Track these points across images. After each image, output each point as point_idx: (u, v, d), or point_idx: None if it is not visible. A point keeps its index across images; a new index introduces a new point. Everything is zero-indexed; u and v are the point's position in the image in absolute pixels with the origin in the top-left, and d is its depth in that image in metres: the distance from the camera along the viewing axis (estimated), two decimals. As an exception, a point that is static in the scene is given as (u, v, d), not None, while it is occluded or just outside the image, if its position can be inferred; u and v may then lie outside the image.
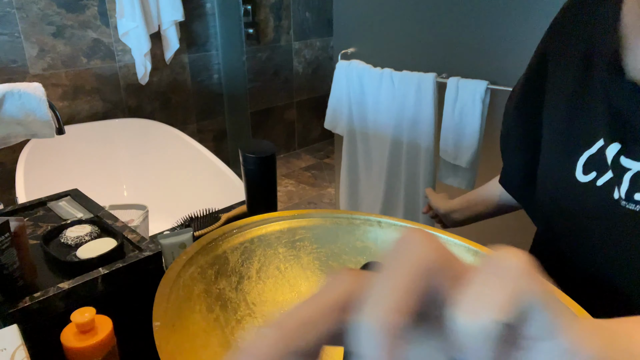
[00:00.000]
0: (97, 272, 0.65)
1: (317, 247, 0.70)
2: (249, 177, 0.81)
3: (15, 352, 0.46)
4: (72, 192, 0.90)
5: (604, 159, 0.53)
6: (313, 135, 3.62)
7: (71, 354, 0.53)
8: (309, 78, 3.39)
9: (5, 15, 1.98)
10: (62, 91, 2.21)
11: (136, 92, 2.45)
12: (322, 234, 0.70)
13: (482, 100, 1.40)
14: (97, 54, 2.27)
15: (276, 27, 3.07)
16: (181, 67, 2.60)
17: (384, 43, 1.70)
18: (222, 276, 0.63)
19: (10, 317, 0.57)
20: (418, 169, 1.63)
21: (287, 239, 0.70)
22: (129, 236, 0.74)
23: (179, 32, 2.41)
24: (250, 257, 0.67)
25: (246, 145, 0.80)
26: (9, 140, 0.92)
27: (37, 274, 0.65)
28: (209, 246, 0.63)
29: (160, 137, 2.31)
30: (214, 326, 0.59)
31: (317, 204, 2.82)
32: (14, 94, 0.87)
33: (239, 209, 0.96)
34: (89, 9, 2.19)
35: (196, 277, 0.60)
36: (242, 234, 0.67)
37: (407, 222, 0.69)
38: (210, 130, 2.86)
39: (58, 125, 0.96)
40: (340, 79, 1.80)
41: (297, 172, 3.23)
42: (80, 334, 0.53)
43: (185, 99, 2.68)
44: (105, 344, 0.54)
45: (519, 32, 1.31)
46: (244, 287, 0.65)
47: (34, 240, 0.73)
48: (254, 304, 0.65)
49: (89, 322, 0.53)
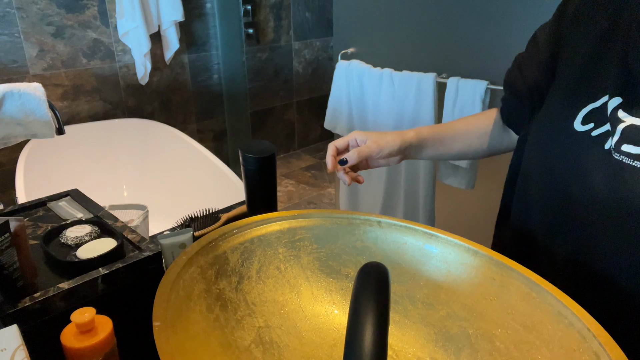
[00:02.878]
0: (97, 272, 0.65)
1: (317, 247, 0.70)
2: (249, 177, 0.81)
3: (15, 352, 0.46)
4: (72, 192, 0.90)
5: (604, 112, 0.56)
6: (313, 135, 3.62)
7: (71, 354, 0.53)
8: (308, 78, 3.39)
9: (5, 15, 1.98)
10: (62, 91, 2.21)
11: (136, 92, 2.45)
12: (322, 234, 0.70)
13: (482, 100, 1.40)
14: (97, 54, 2.27)
15: (276, 27, 3.07)
16: (181, 67, 2.60)
17: (384, 43, 1.70)
18: (222, 276, 0.63)
19: (10, 317, 0.57)
20: (418, 169, 1.63)
21: (287, 239, 0.70)
22: (129, 236, 0.74)
23: (178, 32, 2.41)
24: (250, 257, 0.67)
25: (246, 145, 0.80)
26: (9, 140, 0.92)
27: (37, 274, 0.65)
28: (209, 246, 0.63)
29: (160, 137, 2.31)
30: (214, 326, 0.59)
31: (317, 204, 2.82)
32: (14, 94, 0.87)
33: (239, 209, 0.96)
34: (89, 9, 2.19)
35: (196, 277, 0.60)
36: (242, 234, 0.67)
37: (407, 222, 0.69)
38: (210, 130, 2.86)
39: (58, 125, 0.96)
40: (340, 79, 1.80)
41: (297, 172, 3.23)
42: (80, 334, 0.53)
43: (185, 99, 2.68)
44: (105, 344, 0.54)
45: (519, 32, 1.30)
46: (244, 287, 0.65)
47: (34, 240, 0.73)
48: (254, 304, 0.64)
49: (89, 322, 0.53)
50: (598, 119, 0.57)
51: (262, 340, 0.62)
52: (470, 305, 0.62)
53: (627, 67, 0.54)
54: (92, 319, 0.53)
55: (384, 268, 0.45)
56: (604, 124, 0.56)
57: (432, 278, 0.66)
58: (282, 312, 0.66)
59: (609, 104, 0.55)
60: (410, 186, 1.68)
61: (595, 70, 0.59)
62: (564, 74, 0.64)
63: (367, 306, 0.40)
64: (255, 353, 0.60)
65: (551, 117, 0.63)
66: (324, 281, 0.70)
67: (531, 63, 0.71)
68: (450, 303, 0.64)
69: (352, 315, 0.40)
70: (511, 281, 0.59)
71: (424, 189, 1.62)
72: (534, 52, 0.71)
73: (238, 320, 0.62)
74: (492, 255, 0.62)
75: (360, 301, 0.41)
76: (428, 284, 0.66)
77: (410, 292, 0.67)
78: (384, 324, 0.40)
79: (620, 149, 0.53)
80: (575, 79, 0.61)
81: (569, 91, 0.62)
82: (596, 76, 0.59)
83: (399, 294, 0.67)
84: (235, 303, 0.63)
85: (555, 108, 0.63)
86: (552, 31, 0.67)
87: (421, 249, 0.67)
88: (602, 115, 0.57)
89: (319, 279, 0.70)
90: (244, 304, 0.64)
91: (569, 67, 0.63)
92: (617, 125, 0.54)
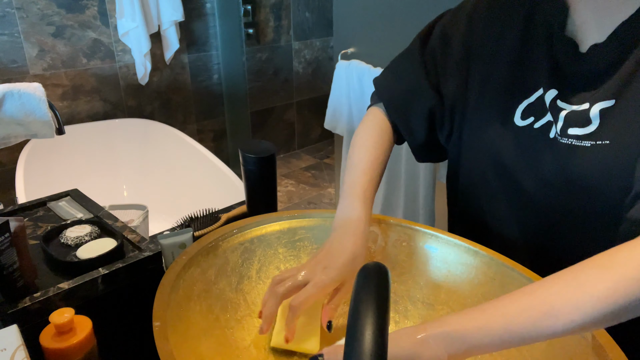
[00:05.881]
0: (97, 272, 0.65)
1: (317, 247, 0.70)
2: (249, 177, 0.81)
3: (15, 352, 0.46)
4: (72, 192, 0.90)
5: (542, 105, 0.61)
6: (313, 135, 3.62)
7: (50, 354, 0.53)
8: (308, 78, 3.39)
9: (5, 15, 1.98)
10: (62, 91, 2.21)
11: (136, 92, 2.45)
12: (322, 234, 0.70)
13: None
14: (97, 54, 2.27)
15: (276, 27, 3.07)
16: (181, 67, 2.60)
17: (384, 43, 1.70)
18: (222, 276, 0.63)
19: (10, 317, 0.57)
20: (418, 169, 1.63)
21: (287, 239, 0.70)
22: (129, 236, 0.74)
23: (178, 32, 2.41)
24: (250, 257, 0.67)
25: (246, 145, 0.80)
26: (9, 140, 0.92)
27: (37, 274, 0.65)
28: (209, 246, 0.63)
29: (160, 137, 2.31)
30: (214, 326, 0.59)
31: (317, 204, 2.82)
32: (14, 94, 0.87)
33: (239, 209, 0.96)
34: (88, 9, 2.19)
35: (196, 277, 0.60)
36: (242, 234, 0.67)
37: (407, 222, 0.69)
38: (210, 130, 2.86)
39: (58, 125, 0.96)
40: (340, 79, 1.80)
41: (297, 172, 3.23)
42: (59, 334, 0.53)
43: (185, 99, 2.68)
44: (84, 345, 0.54)
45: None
46: (244, 287, 0.65)
47: (34, 240, 0.73)
48: (254, 304, 0.65)
49: (67, 322, 0.53)
50: (537, 112, 0.62)
51: (262, 340, 0.62)
52: (470, 305, 0.62)
53: (554, 60, 0.60)
54: (71, 320, 0.53)
55: (384, 268, 0.45)
56: (544, 116, 0.61)
57: (432, 278, 0.66)
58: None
59: (546, 96, 0.60)
60: (410, 186, 1.68)
61: (522, 69, 0.64)
62: (490, 75, 0.67)
63: (367, 306, 0.40)
64: (255, 353, 0.60)
65: (489, 117, 0.67)
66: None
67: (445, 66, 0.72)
68: (450, 303, 0.64)
69: (352, 315, 0.40)
70: (511, 281, 0.59)
71: (424, 189, 1.62)
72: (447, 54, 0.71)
73: (238, 320, 0.62)
74: (492, 255, 0.62)
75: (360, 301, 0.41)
76: (428, 284, 0.66)
77: (410, 292, 0.67)
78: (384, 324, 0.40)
79: (567, 132, 0.58)
80: (504, 79, 0.65)
81: (500, 91, 0.66)
82: (525, 72, 0.63)
83: (399, 294, 0.67)
84: (235, 303, 0.63)
85: (491, 107, 0.67)
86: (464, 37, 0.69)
87: (421, 249, 0.67)
88: (540, 108, 0.62)
89: (319, 279, 0.69)
90: (244, 304, 0.64)
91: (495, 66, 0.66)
92: (558, 113, 0.59)
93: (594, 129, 0.56)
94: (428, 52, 0.73)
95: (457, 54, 0.70)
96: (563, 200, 0.60)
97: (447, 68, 0.71)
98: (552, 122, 0.60)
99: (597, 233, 0.59)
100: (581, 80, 0.58)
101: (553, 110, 0.59)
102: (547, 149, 0.60)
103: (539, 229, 0.65)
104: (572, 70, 0.59)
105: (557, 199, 0.61)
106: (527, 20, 0.64)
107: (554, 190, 0.61)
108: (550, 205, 0.62)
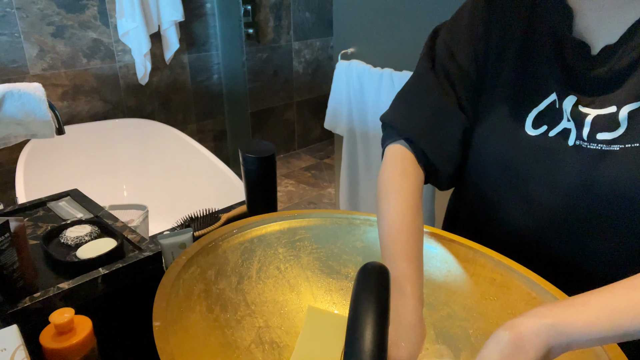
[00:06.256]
0: (97, 272, 0.65)
1: (317, 247, 0.70)
2: (249, 177, 0.81)
3: (15, 352, 0.46)
4: (72, 192, 0.90)
5: (554, 112, 0.60)
6: (313, 135, 3.62)
7: (50, 354, 0.53)
8: (308, 78, 3.39)
9: (5, 15, 1.98)
10: (62, 91, 2.21)
11: (136, 92, 2.45)
12: (322, 234, 0.70)
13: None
14: (97, 54, 2.27)
15: (276, 27, 3.07)
16: (181, 67, 2.60)
17: (384, 43, 1.70)
18: (222, 276, 0.63)
19: (10, 317, 0.57)
20: (418, 169, 1.63)
21: (287, 239, 0.70)
22: (129, 236, 0.74)
23: (178, 32, 2.41)
24: (250, 257, 0.67)
25: (246, 145, 0.80)
26: (9, 140, 0.92)
27: (37, 274, 0.65)
28: (209, 246, 0.63)
29: (160, 137, 2.31)
30: (214, 326, 0.59)
31: (317, 204, 2.82)
32: (14, 94, 0.87)
33: (239, 209, 0.96)
34: (88, 9, 2.19)
35: (196, 277, 0.60)
36: (242, 234, 0.67)
37: (407, 222, 0.68)
38: (210, 130, 2.86)
39: (58, 125, 0.96)
40: (340, 79, 1.80)
41: (297, 172, 3.23)
42: (59, 334, 0.53)
43: (185, 99, 2.67)
44: (84, 345, 0.54)
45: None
46: (244, 287, 0.65)
47: (34, 240, 0.73)
48: (254, 304, 0.65)
49: (67, 322, 0.53)
50: (549, 120, 0.60)
51: (262, 340, 0.62)
52: (470, 305, 0.62)
53: (567, 66, 0.58)
54: (71, 320, 0.53)
55: (384, 268, 0.45)
56: (558, 123, 0.60)
57: (432, 278, 0.66)
58: (282, 312, 0.66)
59: (565, 103, 0.59)
60: (410, 186, 1.67)
61: (528, 78, 0.62)
62: (496, 85, 0.66)
63: (367, 306, 0.40)
64: (255, 353, 0.60)
65: (498, 125, 0.65)
66: (324, 281, 0.70)
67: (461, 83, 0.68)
68: (450, 303, 0.64)
69: (352, 315, 0.40)
70: (511, 281, 0.59)
71: (424, 190, 1.62)
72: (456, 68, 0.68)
73: (238, 320, 0.62)
74: (492, 255, 0.62)
75: (360, 301, 0.41)
76: (428, 284, 0.66)
77: (410, 292, 0.67)
78: (384, 324, 0.40)
79: (596, 138, 0.56)
80: (509, 88, 0.64)
81: (507, 100, 0.64)
82: (531, 83, 0.62)
83: (399, 294, 0.67)
84: (235, 303, 0.63)
85: (499, 116, 0.65)
86: (473, 45, 0.67)
87: (421, 249, 0.67)
88: (552, 115, 0.60)
89: (319, 279, 0.70)
90: (244, 304, 0.64)
91: (498, 80, 0.65)
92: (583, 119, 0.57)
93: (621, 132, 0.55)
94: (439, 71, 0.69)
95: (466, 66, 0.67)
96: (583, 207, 0.59)
97: (463, 80, 0.68)
98: (569, 129, 0.59)
99: (622, 238, 0.58)
100: (600, 83, 0.57)
101: (576, 116, 0.58)
102: (568, 157, 0.59)
103: (551, 235, 0.63)
104: (587, 73, 0.57)
105: (576, 206, 0.59)
106: (527, 30, 0.63)
107: (572, 197, 0.59)
108: (567, 211, 0.60)
